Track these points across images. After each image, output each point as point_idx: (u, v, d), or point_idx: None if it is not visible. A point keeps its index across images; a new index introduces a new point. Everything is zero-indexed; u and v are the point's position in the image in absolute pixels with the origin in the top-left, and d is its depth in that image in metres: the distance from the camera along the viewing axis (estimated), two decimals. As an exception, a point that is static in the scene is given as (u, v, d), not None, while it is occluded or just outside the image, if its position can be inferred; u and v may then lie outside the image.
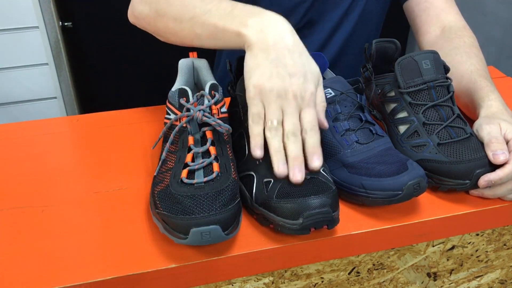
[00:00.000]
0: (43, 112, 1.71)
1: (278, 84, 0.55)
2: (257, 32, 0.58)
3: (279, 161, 0.54)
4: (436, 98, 0.64)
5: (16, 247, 0.53)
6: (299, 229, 0.51)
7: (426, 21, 0.87)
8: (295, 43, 0.58)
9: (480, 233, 0.66)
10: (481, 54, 0.79)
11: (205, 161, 0.54)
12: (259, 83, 0.56)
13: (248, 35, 0.58)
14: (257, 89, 0.56)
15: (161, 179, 0.55)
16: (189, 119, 0.56)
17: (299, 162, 0.54)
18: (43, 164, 0.67)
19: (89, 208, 0.59)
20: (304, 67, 0.57)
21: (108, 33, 1.81)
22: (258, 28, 0.58)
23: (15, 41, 1.54)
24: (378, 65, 0.75)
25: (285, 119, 0.55)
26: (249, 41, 0.58)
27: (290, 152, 0.54)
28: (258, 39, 0.58)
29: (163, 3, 0.69)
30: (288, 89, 0.55)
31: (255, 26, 0.58)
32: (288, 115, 0.55)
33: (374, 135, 0.63)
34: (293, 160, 0.54)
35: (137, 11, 0.73)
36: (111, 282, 0.50)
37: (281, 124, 0.55)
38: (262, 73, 0.56)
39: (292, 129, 0.54)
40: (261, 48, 0.57)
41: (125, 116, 0.80)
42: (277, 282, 0.59)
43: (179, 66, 0.67)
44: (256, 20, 0.59)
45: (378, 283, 0.66)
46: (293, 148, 0.54)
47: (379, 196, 0.56)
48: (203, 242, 0.49)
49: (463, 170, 0.60)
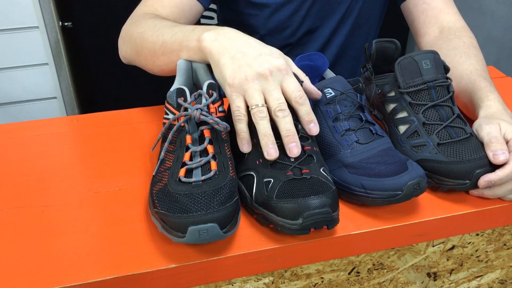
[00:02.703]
0: (43, 112, 1.71)
1: (248, 71, 0.56)
2: (211, 41, 0.61)
3: (267, 144, 0.54)
4: (436, 98, 0.64)
5: (16, 247, 0.53)
6: (299, 229, 0.51)
7: (425, 22, 0.87)
8: (249, 38, 0.60)
9: (480, 233, 0.66)
10: (480, 54, 0.79)
11: (202, 159, 0.54)
12: (231, 80, 0.56)
13: (206, 46, 0.61)
14: (232, 86, 0.56)
15: (159, 178, 0.55)
16: (187, 118, 0.56)
17: (292, 136, 0.54)
18: (43, 164, 0.67)
19: (89, 208, 0.59)
20: (265, 47, 0.59)
21: (108, 33, 1.80)
22: (213, 38, 0.61)
23: (15, 41, 1.54)
24: (378, 65, 0.75)
25: (267, 98, 0.55)
26: (208, 51, 0.61)
27: (281, 129, 0.54)
28: (214, 46, 0.60)
29: (138, 40, 0.73)
30: (258, 69, 0.56)
31: (210, 37, 0.61)
32: (269, 93, 0.55)
33: (374, 135, 0.63)
34: (286, 136, 0.54)
35: (122, 51, 0.79)
36: (111, 282, 0.50)
37: (265, 106, 0.55)
38: (229, 70, 0.57)
39: (276, 105, 0.54)
40: (219, 52, 0.59)
41: (125, 116, 0.80)
42: (277, 282, 0.59)
43: (177, 66, 0.67)
44: (210, 33, 0.62)
45: (378, 283, 0.66)
46: (283, 123, 0.54)
47: (379, 196, 0.56)
48: (201, 240, 0.49)
49: (463, 170, 0.60)
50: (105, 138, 0.74)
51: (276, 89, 0.55)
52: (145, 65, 0.74)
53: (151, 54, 0.71)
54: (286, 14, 0.89)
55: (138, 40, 0.73)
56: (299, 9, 0.89)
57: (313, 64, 0.71)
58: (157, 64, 0.71)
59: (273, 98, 0.55)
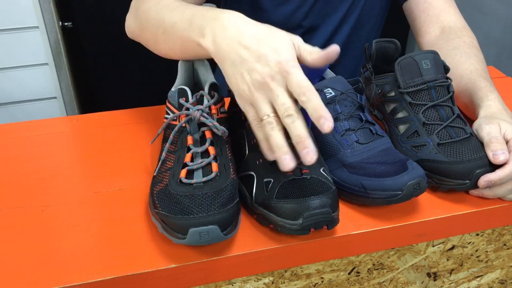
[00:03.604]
0: (43, 112, 1.71)
1: (250, 81, 0.52)
2: (211, 43, 0.56)
3: (280, 157, 0.50)
4: (436, 98, 0.64)
5: (16, 247, 0.53)
6: (299, 229, 0.51)
7: (426, 21, 0.87)
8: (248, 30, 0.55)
9: (480, 233, 0.66)
10: (481, 54, 0.79)
11: (204, 161, 0.54)
12: (237, 92, 0.54)
13: (207, 47, 0.57)
14: (240, 98, 0.54)
15: (160, 179, 0.55)
16: (188, 119, 0.56)
17: (303, 142, 0.49)
18: (43, 164, 0.67)
19: (89, 208, 0.59)
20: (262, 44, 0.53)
21: (108, 33, 1.81)
22: (212, 39, 0.56)
23: (15, 41, 1.54)
24: (378, 65, 0.75)
25: (275, 106, 0.52)
26: (210, 52, 0.57)
27: (292, 137, 0.50)
28: (214, 50, 0.56)
29: (143, 18, 0.70)
30: (258, 78, 0.52)
31: (210, 35, 0.56)
32: (275, 100, 0.51)
33: (374, 135, 0.63)
34: (297, 143, 0.50)
35: (127, 24, 0.75)
36: (111, 282, 0.50)
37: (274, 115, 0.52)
38: (233, 80, 0.54)
39: (282, 111, 0.51)
40: (219, 58, 0.55)
41: (125, 116, 0.80)
42: (277, 282, 0.59)
43: (179, 66, 0.67)
44: (209, 28, 0.57)
45: (378, 283, 0.66)
46: (292, 130, 0.50)
47: (379, 196, 0.56)
48: (202, 242, 0.49)
49: (463, 170, 0.60)
50: (105, 138, 0.74)
51: (280, 94, 0.51)
52: (148, 45, 0.71)
53: (154, 37, 0.67)
54: (289, 11, 0.89)
55: (143, 17, 0.70)
56: (301, 6, 0.89)
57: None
58: (160, 49, 0.68)
59: (279, 105, 0.51)
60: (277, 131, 0.51)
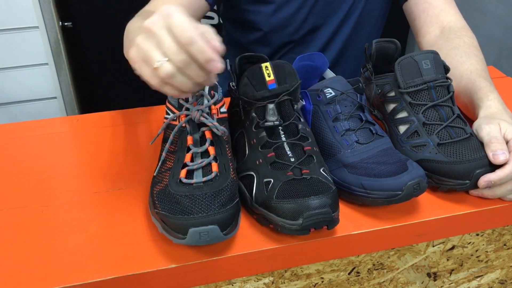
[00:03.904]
0: (43, 112, 1.71)
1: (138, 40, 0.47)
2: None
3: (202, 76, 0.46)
4: (436, 98, 0.64)
5: (16, 247, 0.53)
6: (299, 229, 0.51)
7: (426, 21, 0.87)
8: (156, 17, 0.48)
9: (480, 233, 0.66)
10: (481, 54, 0.79)
11: (204, 161, 0.54)
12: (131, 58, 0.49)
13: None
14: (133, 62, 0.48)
15: (160, 179, 0.55)
16: (188, 119, 0.56)
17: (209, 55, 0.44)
18: (43, 164, 0.67)
19: (89, 208, 0.59)
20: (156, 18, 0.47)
21: (108, 33, 1.80)
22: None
23: (15, 41, 1.54)
24: (378, 65, 0.75)
25: (164, 51, 0.46)
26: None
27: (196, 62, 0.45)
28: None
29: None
30: (143, 30, 0.47)
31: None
32: (162, 44, 0.46)
33: (374, 135, 0.63)
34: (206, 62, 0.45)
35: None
36: (111, 282, 0.50)
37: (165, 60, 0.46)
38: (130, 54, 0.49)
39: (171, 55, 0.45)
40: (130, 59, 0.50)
41: (125, 116, 0.80)
42: (277, 282, 0.59)
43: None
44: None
45: (378, 283, 0.66)
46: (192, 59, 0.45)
47: (379, 196, 0.56)
48: (202, 242, 0.49)
49: (463, 170, 0.60)
50: (105, 138, 0.74)
51: (164, 37, 0.45)
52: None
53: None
54: (290, 12, 0.89)
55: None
56: (302, 7, 0.89)
57: (313, 64, 0.71)
58: None
59: (166, 49, 0.45)
60: (172, 69, 0.46)
